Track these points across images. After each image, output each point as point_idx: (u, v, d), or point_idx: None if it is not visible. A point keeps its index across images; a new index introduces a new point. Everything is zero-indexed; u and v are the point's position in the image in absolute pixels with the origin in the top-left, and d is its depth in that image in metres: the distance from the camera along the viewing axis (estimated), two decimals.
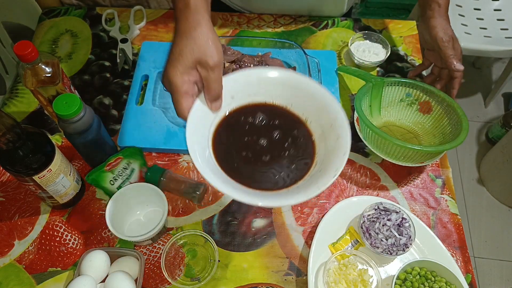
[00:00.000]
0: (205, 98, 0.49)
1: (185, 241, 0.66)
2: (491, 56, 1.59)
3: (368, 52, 0.88)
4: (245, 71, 0.53)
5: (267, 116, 0.54)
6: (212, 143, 0.51)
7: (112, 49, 0.89)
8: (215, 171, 0.48)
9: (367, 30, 0.93)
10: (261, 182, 0.50)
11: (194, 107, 0.48)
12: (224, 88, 0.50)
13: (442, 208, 0.72)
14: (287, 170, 0.51)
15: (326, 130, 0.53)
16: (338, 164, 0.47)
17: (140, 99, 0.82)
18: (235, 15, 0.96)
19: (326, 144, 0.52)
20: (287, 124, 0.54)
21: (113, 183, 0.65)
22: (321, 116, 0.53)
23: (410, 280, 0.61)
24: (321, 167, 0.50)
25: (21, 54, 0.58)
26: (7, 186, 0.72)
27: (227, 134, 0.52)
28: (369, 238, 0.64)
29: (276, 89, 0.55)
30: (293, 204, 0.46)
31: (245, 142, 0.52)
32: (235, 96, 0.53)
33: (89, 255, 0.60)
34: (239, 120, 0.53)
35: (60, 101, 0.58)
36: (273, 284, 0.64)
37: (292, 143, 0.53)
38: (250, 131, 0.53)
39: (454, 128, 0.72)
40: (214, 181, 0.44)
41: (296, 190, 0.48)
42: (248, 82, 0.54)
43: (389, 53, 0.86)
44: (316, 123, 0.54)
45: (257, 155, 0.52)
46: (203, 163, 0.46)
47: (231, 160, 0.51)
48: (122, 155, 0.65)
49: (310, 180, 0.50)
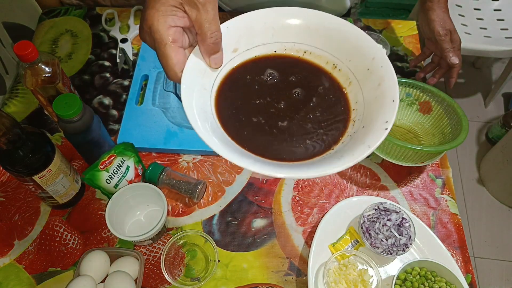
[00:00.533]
0: (200, 49, 0.39)
1: (185, 241, 0.66)
2: (491, 56, 1.59)
3: None
4: (248, 14, 0.42)
5: (282, 69, 0.44)
6: (215, 108, 0.41)
7: (112, 49, 0.89)
8: (224, 140, 0.39)
9: (367, 30, 0.93)
10: (288, 152, 0.40)
11: (188, 64, 0.38)
12: (224, 38, 0.39)
13: (442, 208, 0.72)
14: (316, 135, 0.41)
15: (361, 77, 0.43)
16: (388, 114, 0.38)
17: (140, 99, 0.82)
18: (232, 15, 0.96)
19: (364, 94, 0.42)
20: (309, 77, 0.44)
21: (109, 181, 0.65)
22: (352, 59, 0.43)
23: (410, 280, 0.61)
24: (363, 123, 0.40)
25: (21, 54, 0.58)
26: (7, 186, 0.72)
27: (233, 96, 0.42)
28: (369, 238, 0.64)
29: (290, 33, 0.44)
30: (340, 170, 0.35)
31: (257, 104, 0.42)
32: (239, 48, 0.43)
33: (89, 255, 0.60)
34: (247, 77, 0.43)
35: (60, 101, 0.58)
36: (273, 284, 0.64)
37: (319, 101, 0.43)
38: (263, 91, 0.43)
39: (454, 128, 0.72)
40: (223, 151, 0.35)
41: (334, 155, 0.39)
42: (253, 28, 0.43)
43: (389, 53, 0.86)
44: (346, 70, 0.44)
45: (275, 121, 0.42)
46: (207, 131, 0.37)
47: (242, 129, 0.41)
48: (114, 152, 0.65)
49: (351, 141, 0.40)
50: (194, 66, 0.38)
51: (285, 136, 0.41)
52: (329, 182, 0.74)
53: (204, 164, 0.75)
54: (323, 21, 0.43)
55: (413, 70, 0.89)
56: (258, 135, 0.41)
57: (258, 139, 0.40)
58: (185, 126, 0.76)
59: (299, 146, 0.41)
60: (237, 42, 0.42)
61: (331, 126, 0.42)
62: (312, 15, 0.43)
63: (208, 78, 0.41)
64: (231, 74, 0.43)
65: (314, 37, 0.44)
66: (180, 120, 0.77)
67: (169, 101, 0.80)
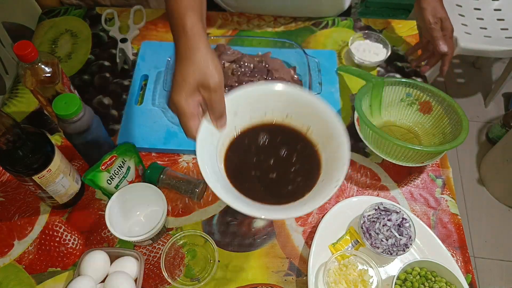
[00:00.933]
0: (210, 117, 0.52)
1: (185, 241, 0.66)
2: (491, 56, 1.59)
3: (368, 52, 0.88)
4: (245, 88, 0.56)
5: (271, 135, 0.58)
6: (224, 165, 0.55)
7: (112, 49, 0.89)
8: (226, 187, 0.51)
9: (367, 30, 0.93)
10: (272, 197, 0.53)
11: (201, 128, 0.51)
12: (227, 106, 0.52)
13: (442, 208, 0.72)
14: (296, 184, 0.54)
15: (326, 140, 0.55)
16: (340, 174, 0.50)
17: (139, 99, 0.82)
18: (235, 15, 0.96)
19: (327, 154, 0.55)
20: (290, 139, 0.57)
21: (110, 182, 0.65)
22: (320, 127, 0.55)
23: (410, 280, 0.61)
24: (324, 178, 0.53)
25: (21, 54, 0.58)
26: (7, 186, 0.72)
27: (236, 156, 0.56)
28: (369, 238, 0.64)
29: (276, 102, 0.57)
30: (300, 215, 0.51)
31: (253, 162, 0.56)
32: (238, 112, 0.56)
33: (89, 255, 0.60)
34: (246, 142, 0.57)
35: (60, 101, 0.58)
36: (273, 284, 0.64)
37: (298, 158, 0.56)
38: (257, 152, 0.57)
39: (454, 128, 0.72)
40: (225, 197, 0.47)
41: (304, 202, 0.51)
42: (249, 98, 0.56)
43: (390, 53, 0.86)
44: (316, 134, 0.56)
45: (266, 173, 0.55)
46: (214, 180, 0.48)
47: (243, 179, 0.54)
48: (116, 152, 0.65)
49: (316, 191, 0.52)
50: (206, 128, 0.51)
51: (274, 185, 0.55)
52: None
53: None
54: (300, 97, 0.56)
55: (413, 70, 0.89)
56: (255, 184, 0.54)
57: (254, 187, 0.54)
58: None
59: (283, 192, 0.54)
60: (236, 108, 0.55)
61: (305, 177, 0.54)
62: (292, 90, 0.57)
63: (216, 137, 0.54)
64: (235, 140, 0.57)
65: (292, 107, 0.57)
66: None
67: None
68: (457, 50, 1.47)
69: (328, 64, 0.86)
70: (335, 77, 0.85)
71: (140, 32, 0.93)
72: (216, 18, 0.95)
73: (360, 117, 0.70)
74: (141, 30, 0.93)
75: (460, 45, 1.46)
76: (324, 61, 0.85)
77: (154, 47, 0.88)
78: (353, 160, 0.77)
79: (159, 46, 0.88)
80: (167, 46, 0.88)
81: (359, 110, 0.71)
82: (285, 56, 0.84)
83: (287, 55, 0.84)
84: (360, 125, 0.73)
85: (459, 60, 2.09)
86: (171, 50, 0.86)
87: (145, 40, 0.91)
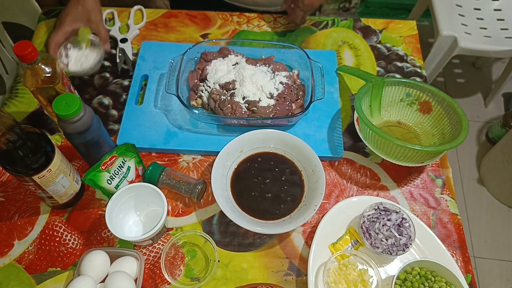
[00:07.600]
0: (100, 40, 0.77)
1: (185, 241, 0.66)
2: (491, 56, 1.59)
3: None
4: (249, 133, 0.72)
5: (266, 159, 0.73)
6: (231, 189, 0.70)
7: (112, 49, 0.89)
8: (233, 208, 0.66)
9: (367, 30, 0.93)
10: (267, 214, 0.68)
11: (215, 162, 0.67)
12: (235, 146, 0.70)
13: (442, 208, 0.72)
14: (285, 205, 0.69)
15: (309, 174, 0.70)
16: (317, 200, 0.65)
17: (139, 99, 0.82)
18: (235, 15, 0.96)
19: (309, 184, 0.69)
20: (281, 163, 0.73)
21: (110, 182, 0.65)
22: (306, 163, 0.71)
23: (410, 280, 0.61)
24: (305, 202, 0.67)
25: (21, 54, 0.58)
26: (7, 186, 0.72)
27: (240, 180, 0.71)
28: (369, 238, 0.64)
29: (274, 142, 0.73)
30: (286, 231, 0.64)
31: (253, 184, 0.71)
32: (244, 150, 0.72)
33: (89, 255, 0.60)
34: (247, 169, 0.72)
35: (60, 101, 0.58)
36: (273, 284, 0.64)
37: (287, 178, 0.71)
38: (257, 177, 0.71)
39: (454, 128, 0.72)
40: (232, 216, 0.63)
41: (289, 220, 0.66)
42: (251, 139, 0.72)
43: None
44: (303, 169, 0.71)
45: (263, 194, 0.70)
46: (224, 203, 0.64)
47: (245, 199, 0.69)
48: (116, 153, 0.65)
49: (299, 212, 0.67)
50: (218, 164, 0.68)
51: (270, 202, 0.69)
52: (329, 182, 0.74)
53: (204, 164, 0.75)
54: (291, 140, 0.72)
55: (413, 70, 0.89)
56: (256, 203, 0.69)
57: (255, 205, 0.68)
58: (185, 129, 0.77)
59: (276, 209, 0.68)
60: (242, 147, 0.72)
61: (292, 197, 0.69)
62: (284, 135, 0.72)
63: (226, 169, 0.70)
64: (238, 167, 0.72)
65: (288, 148, 0.73)
66: (181, 123, 0.77)
67: (170, 104, 0.80)
68: (457, 50, 1.47)
69: (328, 64, 0.86)
70: (335, 77, 0.85)
71: (140, 32, 0.93)
72: (216, 18, 0.95)
73: (360, 117, 0.70)
74: (141, 30, 0.93)
75: (460, 45, 1.46)
76: (324, 61, 0.85)
77: (154, 47, 0.88)
78: (353, 160, 0.77)
79: (159, 46, 0.88)
80: (167, 46, 0.88)
81: (359, 110, 0.71)
82: (288, 59, 0.84)
83: (290, 59, 0.84)
84: (360, 125, 0.73)
85: (459, 60, 2.09)
86: (171, 50, 0.87)
87: (145, 40, 0.91)
